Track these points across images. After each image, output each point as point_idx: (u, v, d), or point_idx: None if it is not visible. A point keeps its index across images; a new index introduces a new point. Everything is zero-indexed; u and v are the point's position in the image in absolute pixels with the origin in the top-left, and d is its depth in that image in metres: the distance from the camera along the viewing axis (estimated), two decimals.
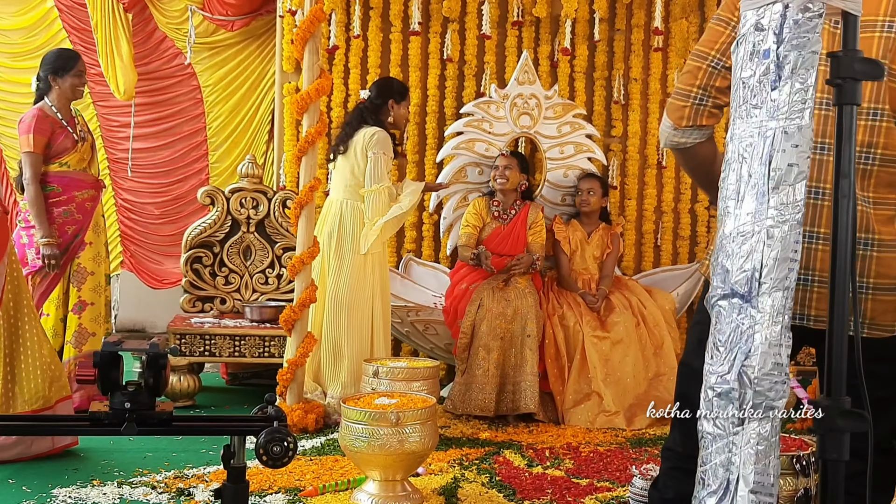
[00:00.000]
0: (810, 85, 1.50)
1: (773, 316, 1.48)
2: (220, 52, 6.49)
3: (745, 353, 1.48)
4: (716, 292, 1.56)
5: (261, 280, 6.05)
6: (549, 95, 6.00)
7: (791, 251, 1.48)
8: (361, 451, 3.89)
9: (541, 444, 4.91)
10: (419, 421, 3.93)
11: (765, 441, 1.48)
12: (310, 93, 4.95)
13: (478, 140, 5.94)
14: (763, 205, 1.49)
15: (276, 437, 2.00)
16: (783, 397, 1.49)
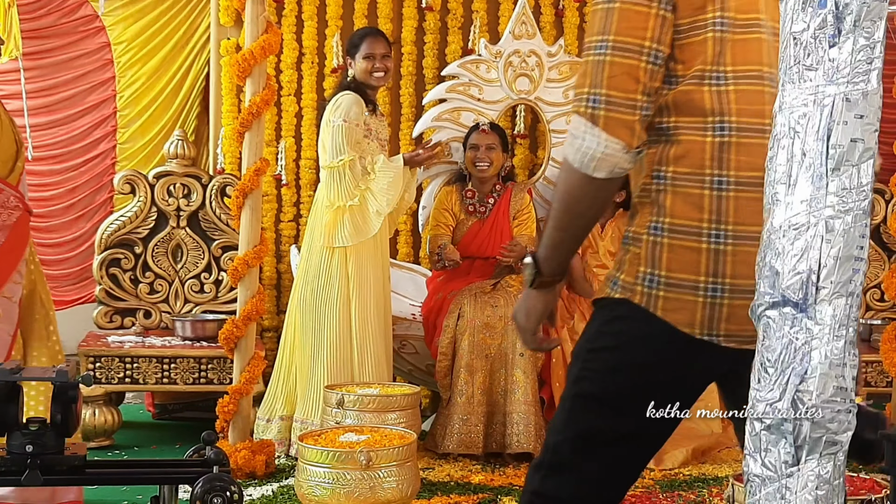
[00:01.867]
0: (878, 41, 1.50)
1: (836, 329, 1.48)
2: (135, 2, 6.43)
3: (801, 375, 1.48)
4: (763, 300, 1.56)
5: (195, 287, 6.03)
6: (553, 52, 6.01)
7: (856, 248, 1.48)
8: (324, 500, 3.89)
9: None
10: (395, 462, 3.94)
11: (826, 485, 1.48)
12: (254, 52, 4.93)
13: (465, 109, 5.94)
14: (821, 190, 1.49)
15: (217, 485, 2.00)
16: (848, 430, 1.49)
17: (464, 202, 5.71)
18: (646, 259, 2.10)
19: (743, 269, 2.02)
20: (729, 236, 2.05)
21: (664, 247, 2.08)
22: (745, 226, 2.04)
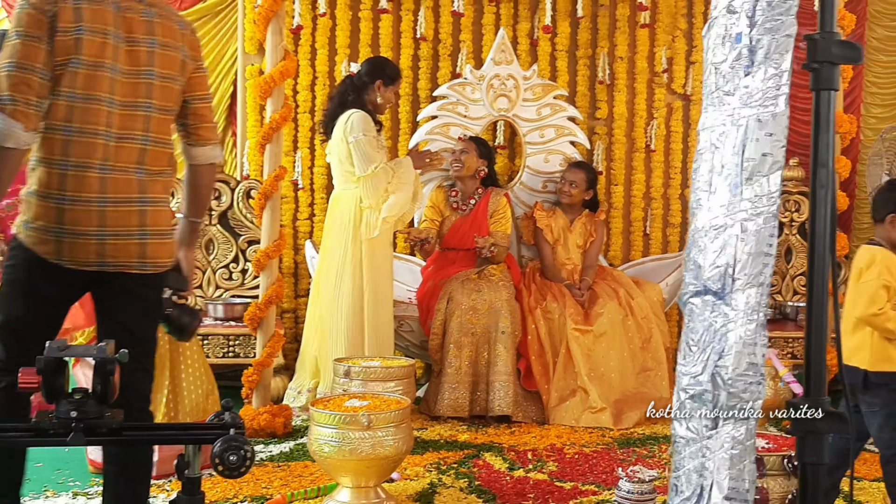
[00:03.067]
0: (785, 70, 1.51)
1: (748, 314, 1.49)
2: None
3: (719, 352, 1.50)
4: (688, 289, 1.57)
5: (224, 275, 6.04)
6: (528, 76, 6.00)
7: (766, 245, 1.50)
8: (331, 456, 3.89)
9: (523, 446, 4.93)
10: (392, 423, 3.94)
11: (739, 445, 1.50)
12: (273, 76, 4.94)
13: (453, 124, 5.94)
14: (737, 197, 1.51)
15: (233, 445, 2.00)
16: (759, 398, 1.51)
17: (449, 201, 5.73)
18: (24, 211, 2.80)
19: (77, 220, 2.75)
20: (67, 200, 2.74)
21: (33, 204, 2.76)
22: (77, 193, 2.74)
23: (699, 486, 1.48)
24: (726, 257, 1.50)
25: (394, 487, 4.20)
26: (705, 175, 1.56)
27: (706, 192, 1.56)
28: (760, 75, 1.50)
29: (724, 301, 1.50)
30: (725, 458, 1.47)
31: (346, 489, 3.96)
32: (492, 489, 4.24)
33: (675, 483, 1.56)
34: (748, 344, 1.49)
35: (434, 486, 4.26)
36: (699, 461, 1.49)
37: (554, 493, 4.20)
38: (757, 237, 1.49)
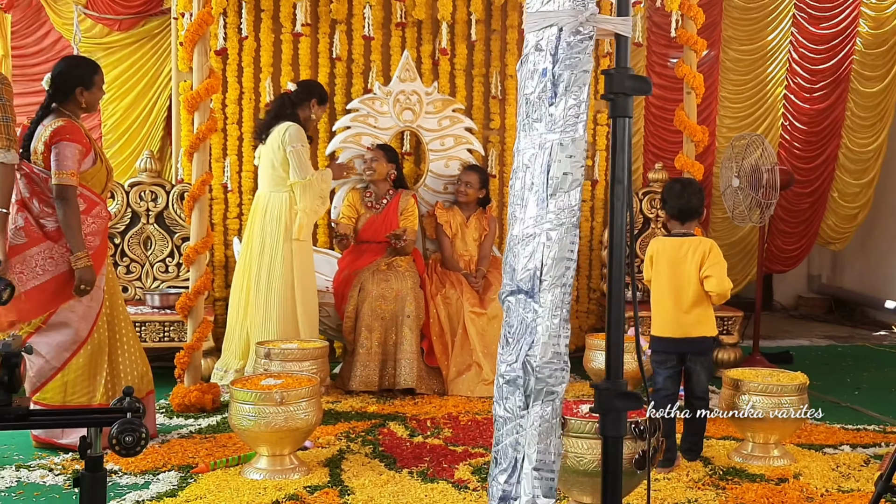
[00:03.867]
0: (583, 100, 1.54)
1: (553, 310, 1.52)
2: (115, 52, 6.32)
3: (529, 344, 1.52)
4: (505, 289, 1.60)
5: (161, 269, 5.95)
6: (430, 92, 6.01)
7: (568, 251, 1.53)
8: (249, 429, 3.89)
9: (424, 415, 4.95)
10: (304, 399, 3.94)
11: (546, 423, 1.52)
12: (199, 92, 4.88)
13: (364, 134, 5.91)
14: (543, 210, 1.53)
15: (128, 427, 1.98)
16: (563, 383, 1.54)
17: (364, 201, 5.72)
18: None
19: None
20: None
21: None
22: None
23: (514, 459, 1.51)
24: (535, 262, 1.52)
25: (307, 454, 4.20)
26: (519, 191, 1.59)
27: (519, 205, 1.58)
28: (562, 105, 1.53)
29: (533, 299, 1.52)
30: (535, 434, 1.49)
31: (263, 457, 3.96)
32: (393, 454, 4.26)
33: (496, 456, 1.58)
34: (553, 336, 1.52)
35: (343, 453, 4.26)
36: (514, 437, 1.52)
37: (447, 455, 4.23)
38: (560, 244, 1.52)
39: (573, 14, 1.48)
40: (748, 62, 7.37)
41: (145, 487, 3.75)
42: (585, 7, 1.49)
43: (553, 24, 1.52)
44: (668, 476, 3.94)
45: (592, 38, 1.53)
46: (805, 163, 7.52)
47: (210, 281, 5.05)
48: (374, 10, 5.99)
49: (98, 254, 4.16)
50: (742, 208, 6.19)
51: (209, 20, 4.90)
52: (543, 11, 1.51)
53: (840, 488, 3.81)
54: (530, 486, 1.47)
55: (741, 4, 7.28)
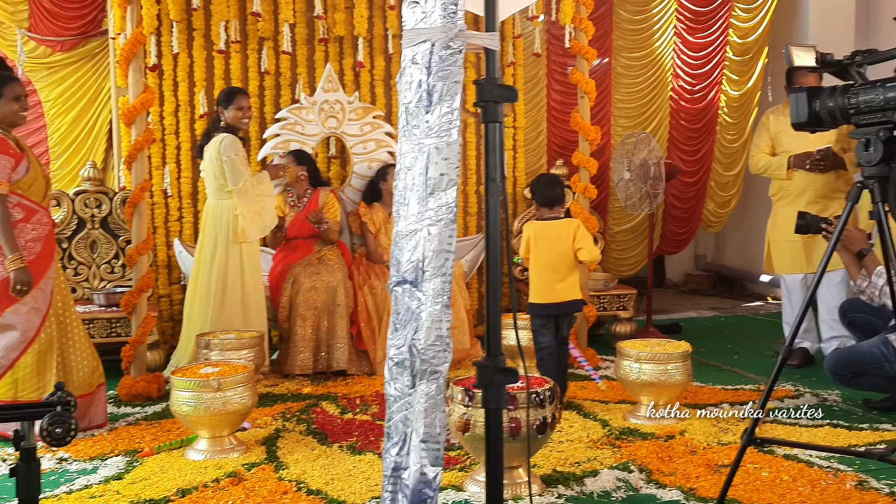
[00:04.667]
0: (455, 108, 1.54)
1: (434, 297, 1.52)
2: (58, 71, 6.15)
3: (415, 329, 1.52)
4: (393, 280, 1.60)
5: (107, 270, 5.80)
6: (351, 100, 5.96)
7: (446, 244, 1.53)
8: (190, 414, 3.83)
9: (354, 394, 4.92)
10: (240, 384, 3.89)
11: (431, 399, 1.53)
12: (135, 106, 4.78)
13: (292, 140, 5.85)
14: (423, 207, 1.53)
15: (58, 420, 1.93)
16: (445, 363, 1.54)
17: (287, 201, 5.66)
18: None
19: None
20: None
21: None
22: None
23: (404, 433, 1.51)
24: (418, 254, 1.52)
25: (245, 435, 4.14)
26: (401, 191, 1.58)
27: (402, 204, 1.58)
28: (437, 113, 1.53)
29: (417, 288, 1.53)
30: (421, 410, 1.50)
31: (203, 439, 3.90)
32: (325, 430, 4.23)
33: (388, 431, 1.58)
34: (436, 321, 1.52)
35: (279, 432, 4.22)
36: (404, 413, 1.52)
37: (374, 430, 4.22)
38: (439, 238, 1.52)
39: (444, 30, 1.48)
40: (637, 68, 7.48)
41: (94, 472, 3.66)
42: (455, 24, 1.49)
43: (426, 40, 1.51)
44: (570, 439, 3.99)
45: (462, 52, 1.54)
46: (689, 156, 7.68)
47: (153, 279, 4.95)
48: (299, 27, 5.92)
49: (42, 258, 4.03)
50: (634, 199, 6.29)
51: (142, 39, 4.79)
52: (418, 28, 1.50)
53: (720, 442, 3.91)
54: (418, 457, 1.47)
55: (629, 17, 7.39)
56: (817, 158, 5.12)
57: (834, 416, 4.33)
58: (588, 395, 4.81)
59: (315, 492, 3.37)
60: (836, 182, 5.23)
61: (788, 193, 5.37)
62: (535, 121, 7.14)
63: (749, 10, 7.61)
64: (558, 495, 3.29)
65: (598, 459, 3.69)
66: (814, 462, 3.59)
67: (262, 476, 3.58)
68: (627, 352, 4.31)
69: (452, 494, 3.32)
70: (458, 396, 3.32)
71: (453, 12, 1.48)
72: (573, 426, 4.18)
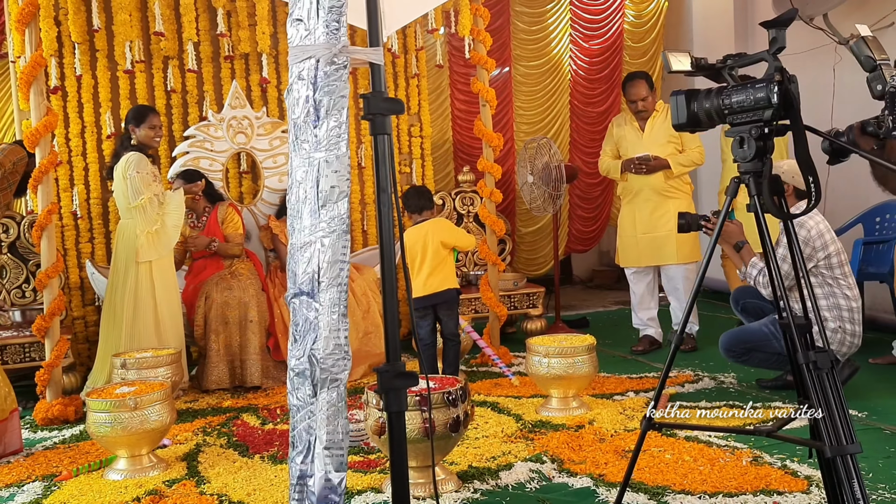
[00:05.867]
0: (343, 121, 1.54)
1: (331, 307, 1.51)
2: None
3: (314, 339, 1.51)
4: (290, 292, 1.58)
5: (18, 295, 5.58)
6: (259, 116, 5.89)
7: (341, 255, 1.52)
8: (107, 434, 3.71)
9: (275, 404, 4.85)
10: (157, 402, 3.79)
11: (333, 406, 1.52)
12: (38, 129, 4.60)
13: (202, 157, 5.74)
14: (316, 219, 1.52)
15: None
16: (345, 370, 1.53)
17: (188, 222, 5.52)
18: None
19: None
20: None
21: None
22: None
23: (308, 442, 1.49)
24: (313, 266, 1.51)
25: (165, 452, 4.03)
26: (294, 204, 1.57)
27: (296, 217, 1.56)
28: (325, 127, 1.52)
29: (314, 299, 1.51)
30: (324, 418, 1.48)
31: (122, 459, 3.79)
32: (246, 442, 4.15)
33: (292, 440, 1.56)
34: (334, 330, 1.51)
35: (200, 447, 4.12)
36: (307, 422, 1.50)
37: None
38: (333, 249, 1.51)
39: (328, 47, 1.47)
40: (536, 76, 7.60)
41: (10, 500, 3.51)
42: (339, 40, 1.48)
43: (311, 56, 1.51)
44: (486, 435, 4.02)
45: (347, 67, 1.53)
46: (592, 157, 7.81)
47: (65, 302, 4.78)
48: (203, 45, 5.82)
49: None
50: (539, 202, 6.38)
51: (42, 62, 4.62)
52: (302, 45, 1.49)
53: (626, 428, 3.99)
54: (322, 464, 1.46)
55: (525, 28, 7.50)
56: (637, 163, 5.48)
57: (730, 397, 4.47)
58: (502, 391, 4.85)
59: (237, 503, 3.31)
60: (665, 182, 5.65)
61: (629, 193, 5.81)
62: (440, 129, 7.17)
63: (640, 16, 7.82)
64: (474, 490, 3.31)
65: (513, 453, 3.72)
66: (713, 442, 3.70)
67: (184, 492, 3.49)
68: (536, 348, 4.36)
69: (372, 496, 3.30)
70: (374, 401, 3.30)
71: (336, 29, 1.48)
72: (488, 422, 4.21)
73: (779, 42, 2.32)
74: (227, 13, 5.68)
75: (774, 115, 2.31)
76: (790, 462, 3.39)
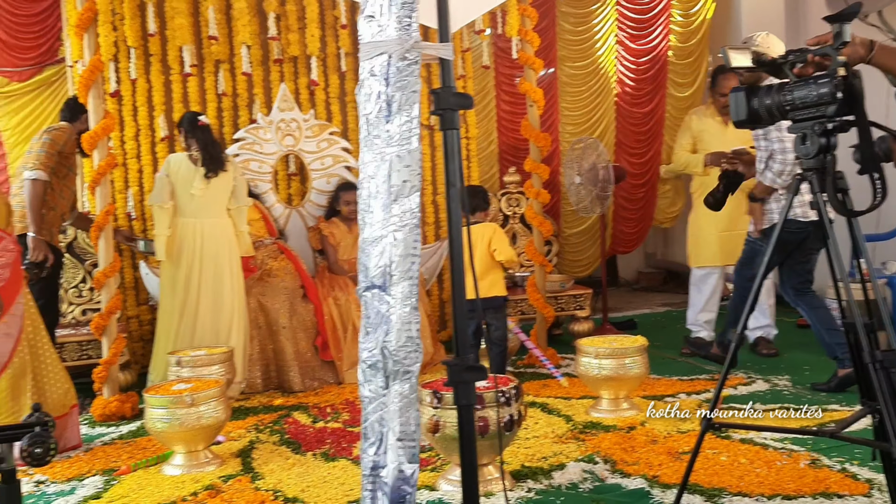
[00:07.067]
0: (415, 117, 1.55)
1: (403, 300, 1.53)
2: (15, 100, 6.04)
3: (385, 331, 1.52)
4: (361, 286, 1.60)
5: (75, 294, 5.70)
6: (307, 118, 5.95)
7: (412, 248, 1.53)
8: (165, 430, 3.78)
9: (324, 403, 4.89)
10: (213, 399, 3.85)
11: (405, 398, 1.53)
12: (96, 132, 4.71)
13: (252, 159, 5.82)
14: (388, 214, 1.53)
15: (37, 440, 1.90)
16: (417, 363, 1.55)
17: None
18: None
19: None
20: None
21: None
22: None
23: (380, 433, 1.51)
24: (385, 259, 1.52)
25: (220, 448, 4.09)
26: (366, 199, 1.59)
27: (367, 211, 1.58)
28: (397, 122, 1.54)
29: (386, 292, 1.53)
30: (396, 409, 1.49)
31: (179, 454, 3.84)
32: (298, 439, 4.19)
33: (365, 432, 1.58)
34: (405, 323, 1.52)
35: (253, 443, 4.17)
36: (379, 414, 1.51)
37: (346, 436, 4.19)
38: (405, 243, 1.52)
39: (399, 43, 1.49)
40: (582, 77, 7.57)
41: (71, 493, 3.59)
42: (410, 36, 1.50)
43: (383, 52, 1.52)
44: (536, 435, 4.01)
45: (418, 63, 1.55)
46: (637, 158, 7.77)
47: (121, 301, 4.87)
48: (253, 49, 5.89)
49: (11, 284, 3.95)
50: (585, 202, 6.35)
51: (100, 66, 4.72)
52: (374, 42, 1.51)
53: (679, 430, 3.95)
54: (395, 455, 1.47)
55: (571, 29, 7.47)
56: (731, 157, 5.25)
57: (784, 400, 4.41)
58: (551, 392, 4.84)
59: (292, 500, 3.35)
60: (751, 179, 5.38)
61: (706, 190, 5.51)
62: (486, 130, 7.18)
63: (687, 16, 7.74)
64: (528, 489, 3.30)
65: (564, 453, 3.71)
66: (769, 444, 3.65)
67: (239, 487, 3.54)
68: (587, 349, 4.34)
69: (426, 494, 3.31)
70: (427, 399, 3.32)
71: (408, 25, 1.49)
72: (538, 423, 4.20)
73: (843, 36, 2.29)
74: (277, 17, 5.76)
75: (838, 110, 2.28)
76: (850, 465, 3.33)
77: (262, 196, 5.82)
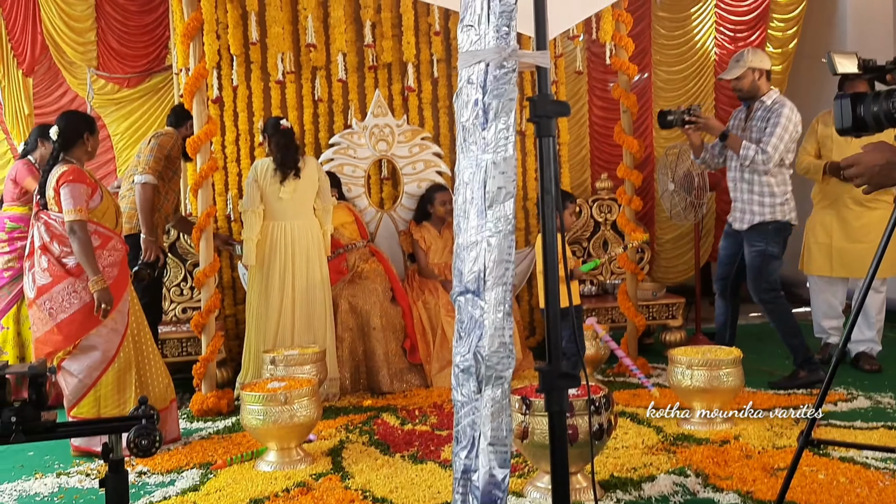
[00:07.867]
0: (510, 124, 1.56)
1: (496, 306, 1.54)
2: (124, 106, 6.34)
3: (478, 336, 1.54)
4: (456, 290, 1.62)
5: (177, 293, 5.93)
6: (400, 124, 6.03)
7: (506, 254, 1.54)
8: (259, 427, 3.88)
9: (413, 406, 4.94)
10: (305, 398, 3.94)
11: (497, 404, 1.54)
12: (200, 136, 4.88)
13: (346, 164, 5.93)
14: (483, 220, 1.55)
15: (143, 432, 1.99)
16: (509, 368, 1.55)
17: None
18: None
19: None
20: None
21: None
22: None
23: (472, 437, 1.52)
24: (479, 265, 1.54)
25: (311, 446, 4.19)
26: (461, 205, 1.60)
27: (462, 217, 1.60)
28: (493, 129, 1.55)
29: (480, 297, 1.54)
30: (488, 414, 1.51)
31: (273, 451, 3.95)
32: (387, 441, 4.25)
33: (457, 436, 1.60)
34: (498, 328, 1.53)
35: (343, 443, 4.25)
36: (471, 418, 1.53)
37: (434, 439, 4.23)
38: (499, 249, 1.53)
39: (497, 51, 1.50)
40: (677, 81, 7.44)
41: (171, 485, 3.74)
42: (508, 45, 1.52)
43: (481, 61, 1.54)
44: (626, 445, 3.96)
45: (515, 71, 1.56)
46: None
47: (220, 300, 5.04)
48: (349, 56, 6.01)
49: (119, 282, 4.15)
50: (679, 209, 6.23)
51: (204, 73, 4.90)
52: (472, 51, 1.53)
53: (774, 445, 3.84)
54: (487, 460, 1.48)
55: (665, 33, 7.35)
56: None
57: (888, 419, 4.23)
58: (641, 402, 4.76)
59: (380, 500, 3.40)
60: None
61: (826, 198, 5.42)
62: (577, 136, 7.13)
63: (785, 21, 7.52)
64: (617, 500, 3.27)
65: (655, 465, 3.65)
66: (870, 464, 3.51)
67: (329, 485, 3.61)
68: (679, 359, 4.26)
69: (514, 500, 3.31)
70: (516, 405, 3.32)
71: (506, 34, 1.51)
72: (628, 433, 4.14)
73: None
74: (373, 25, 5.86)
75: None
76: None
77: (354, 200, 5.93)
